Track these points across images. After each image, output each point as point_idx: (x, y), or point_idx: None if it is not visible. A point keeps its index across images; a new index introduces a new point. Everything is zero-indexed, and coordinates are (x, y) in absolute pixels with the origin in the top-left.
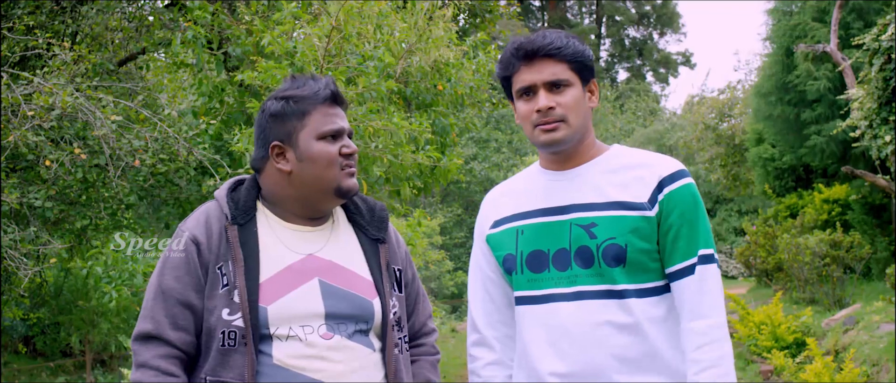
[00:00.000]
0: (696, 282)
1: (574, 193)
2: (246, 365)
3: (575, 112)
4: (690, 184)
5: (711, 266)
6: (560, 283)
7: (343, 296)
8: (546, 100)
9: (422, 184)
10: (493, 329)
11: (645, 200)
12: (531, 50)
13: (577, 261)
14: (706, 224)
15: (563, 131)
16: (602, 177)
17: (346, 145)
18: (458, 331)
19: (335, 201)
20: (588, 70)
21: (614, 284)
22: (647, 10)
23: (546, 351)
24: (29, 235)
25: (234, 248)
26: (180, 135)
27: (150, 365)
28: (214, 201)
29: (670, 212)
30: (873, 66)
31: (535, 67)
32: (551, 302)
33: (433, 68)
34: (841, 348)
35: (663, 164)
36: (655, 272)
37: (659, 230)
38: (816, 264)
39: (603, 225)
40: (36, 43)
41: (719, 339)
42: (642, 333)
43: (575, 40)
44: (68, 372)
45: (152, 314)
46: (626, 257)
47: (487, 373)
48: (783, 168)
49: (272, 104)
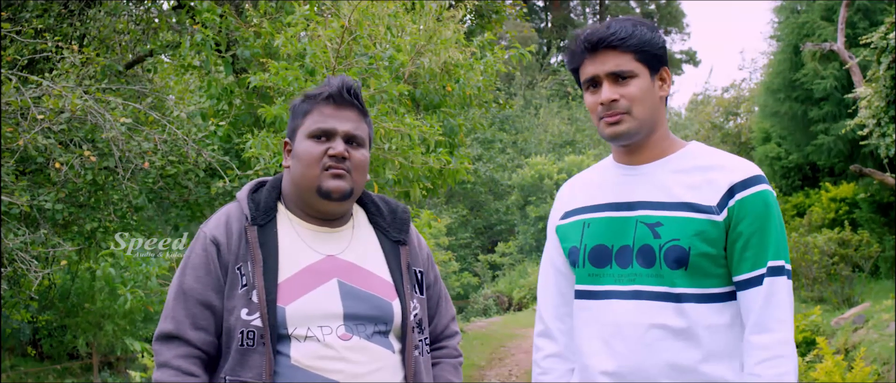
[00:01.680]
0: (763, 293)
1: (642, 190)
2: (264, 364)
3: (641, 103)
4: (765, 191)
5: (781, 278)
6: (620, 281)
7: (362, 297)
8: (609, 93)
9: (431, 185)
10: (560, 321)
11: (714, 204)
12: (594, 41)
13: (639, 259)
14: (779, 233)
15: (628, 124)
16: (673, 176)
17: (332, 146)
18: (466, 332)
19: (321, 202)
20: (656, 59)
21: (673, 287)
22: (652, 10)
23: (599, 348)
24: (39, 238)
25: (252, 249)
26: (189, 137)
27: (170, 364)
28: (236, 202)
29: (741, 219)
30: (881, 64)
31: (599, 59)
32: (609, 299)
33: (442, 69)
34: (851, 347)
35: (737, 168)
36: (719, 278)
37: (727, 236)
38: (825, 263)
39: (668, 225)
40: (44, 46)
41: (784, 356)
42: (696, 339)
43: (643, 28)
44: (75, 375)
45: (173, 314)
46: (688, 260)
47: (547, 365)
48: (790, 166)
49: (295, 101)
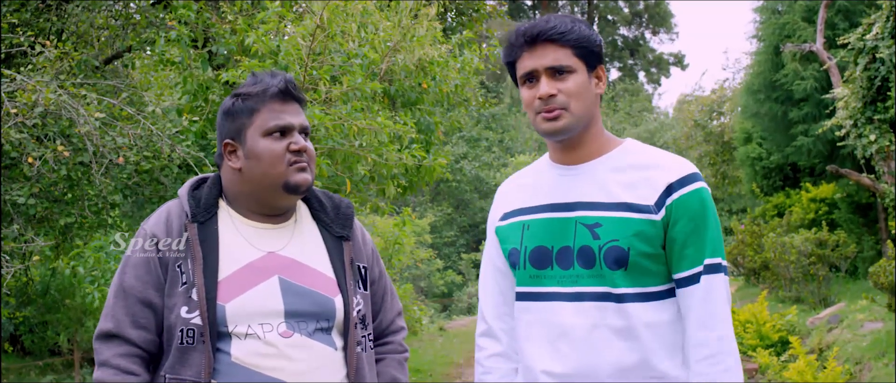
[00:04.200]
0: (701, 291)
1: (581, 190)
2: (204, 363)
3: (578, 99)
4: (701, 188)
5: (719, 275)
6: (562, 282)
7: (303, 294)
8: (547, 88)
9: (407, 182)
10: (501, 320)
11: (651, 203)
12: (533, 34)
13: (580, 260)
14: (715, 231)
15: (566, 120)
16: (610, 174)
17: (294, 141)
18: (447, 330)
19: (286, 197)
20: (594, 55)
21: (614, 287)
22: (640, 10)
23: (543, 349)
24: (12, 233)
25: (192, 246)
26: (163, 133)
27: (110, 363)
28: (177, 199)
29: (678, 218)
30: (858, 65)
31: (538, 53)
32: (551, 301)
33: (418, 67)
34: (825, 346)
35: (674, 167)
36: (659, 276)
37: (665, 235)
38: (802, 263)
39: (607, 225)
40: (20, 40)
41: (726, 352)
42: (640, 338)
43: (581, 24)
44: (57, 371)
45: (113, 313)
46: (628, 260)
47: (490, 364)
48: (771, 167)
49: (226, 102)
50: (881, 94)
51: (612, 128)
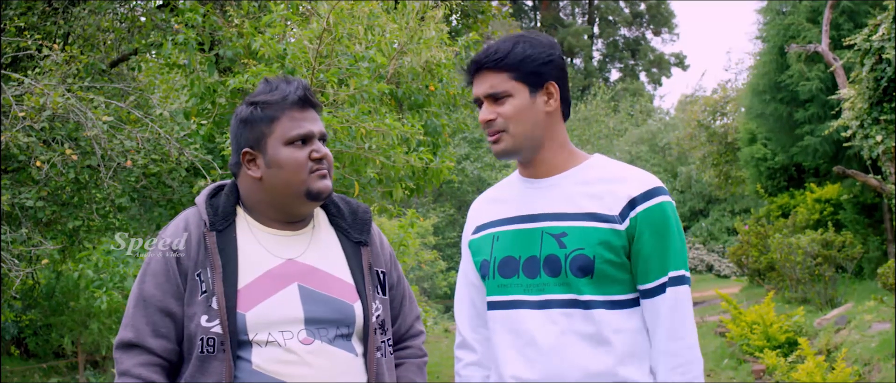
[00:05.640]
0: (667, 302)
1: (547, 202)
2: (224, 371)
3: (517, 122)
4: (664, 202)
5: (683, 287)
6: (529, 291)
7: (323, 301)
8: (485, 113)
9: (414, 185)
10: (475, 331)
11: (616, 213)
12: (475, 62)
13: (546, 269)
14: (679, 243)
15: (505, 142)
16: (576, 187)
17: (315, 149)
18: (452, 331)
19: (308, 205)
20: (536, 75)
21: (580, 294)
22: (641, 10)
23: (514, 357)
24: (21, 236)
25: (212, 255)
26: (171, 136)
27: (131, 373)
28: (194, 207)
29: (642, 231)
30: (864, 66)
31: (479, 80)
32: (518, 309)
33: (425, 69)
34: (833, 347)
35: (637, 181)
36: (624, 284)
37: (630, 246)
38: (808, 264)
39: (573, 235)
40: (26, 44)
41: (693, 360)
42: (608, 344)
43: (524, 45)
44: (61, 374)
45: (133, 322)
46: (593, 268)
47: (466, 373)
48: (775, 167)
49: (242, 110)
50: (887, 94)
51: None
